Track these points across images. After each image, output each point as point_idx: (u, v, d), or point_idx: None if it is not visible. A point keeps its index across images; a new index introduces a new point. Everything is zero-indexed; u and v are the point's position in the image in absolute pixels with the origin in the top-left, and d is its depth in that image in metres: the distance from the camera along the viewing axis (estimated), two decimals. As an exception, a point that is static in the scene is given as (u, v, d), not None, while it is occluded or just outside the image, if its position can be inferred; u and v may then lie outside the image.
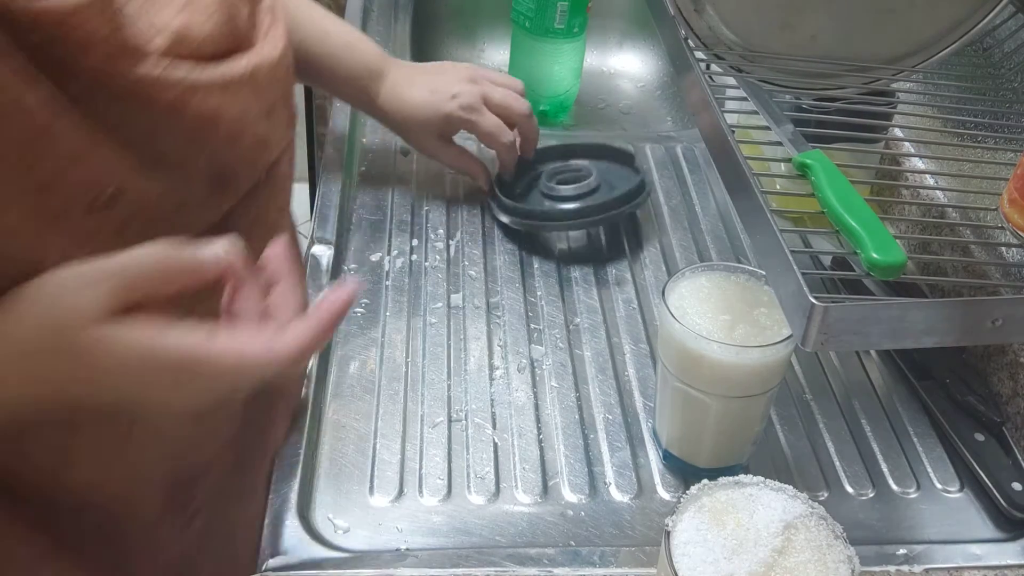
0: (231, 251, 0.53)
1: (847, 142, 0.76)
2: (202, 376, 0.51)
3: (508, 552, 0.68)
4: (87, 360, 0.49)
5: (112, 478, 0.64)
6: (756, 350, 0.66)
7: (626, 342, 0.86)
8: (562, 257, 0.95)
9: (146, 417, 0.59)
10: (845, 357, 0.86)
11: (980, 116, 0.84)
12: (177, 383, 0.52)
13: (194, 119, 0.56)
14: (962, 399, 0.79)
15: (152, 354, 0.50)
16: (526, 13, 1.18)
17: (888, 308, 0.54)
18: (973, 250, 0.84)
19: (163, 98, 0.54)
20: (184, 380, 0.51)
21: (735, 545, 0.55)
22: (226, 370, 0.51)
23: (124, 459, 0.63)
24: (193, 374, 0.51)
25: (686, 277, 0.72)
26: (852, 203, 0.59)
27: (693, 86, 0.71)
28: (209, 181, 0.59)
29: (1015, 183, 0.63)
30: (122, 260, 0.50)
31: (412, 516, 0.71)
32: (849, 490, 0.75)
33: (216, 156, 0.59)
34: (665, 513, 0.57)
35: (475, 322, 0.87)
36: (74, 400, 0.52)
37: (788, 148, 0.67)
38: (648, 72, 1.39)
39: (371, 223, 0.97)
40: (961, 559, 0.70)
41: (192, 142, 0.57)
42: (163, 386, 0.51)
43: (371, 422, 0.77)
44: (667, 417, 0.74)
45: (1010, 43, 0.82)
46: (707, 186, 1.06)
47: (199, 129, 0.57)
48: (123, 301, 0.50)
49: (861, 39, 0.77)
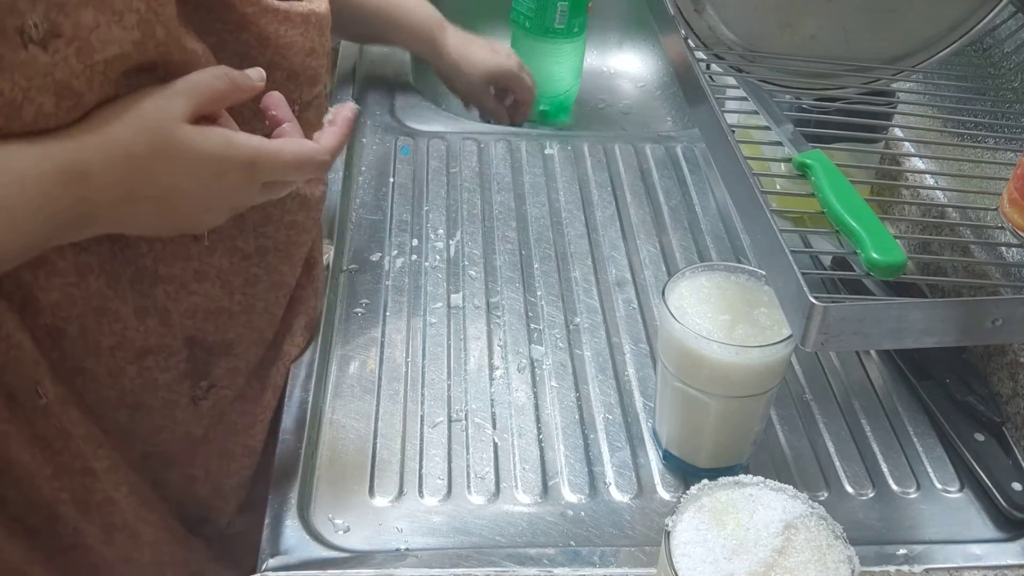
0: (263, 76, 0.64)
1: (847, 142, 0.76)
2: (267, 169, 0.62)
3: (508, 552, 0.68)
4: (177, 154, 0.59)
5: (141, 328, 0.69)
6: (756, 350, 0.66)
7: (626, 342, 0.86)
8: (562, 257, 0.95)
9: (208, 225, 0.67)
10: (845, 357, 0.86)
11: (980, 116, 0.84)
12: (246, 179, 0.62)
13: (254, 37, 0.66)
14: (962, 399, 0.79)
15: (227, 148, 0.60)
16: (526, 13, 1.18)
17: (888, 308, 0.54)
18: (973, 250, 0.84)
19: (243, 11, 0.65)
20: (253, 175, 0.62)
21: (735, 545, 0.55)
22: (288, 163, 0.63)
23: (155, 307, 0.69)
24: (260, 167, 0.61)
25: (686, 277, 0.72)
26: (852, 203, 0.59)
27: (693, 86, 0.71)
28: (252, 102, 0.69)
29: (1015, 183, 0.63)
30: (192, 79, 0.60)
31: (412, 516, 0.71)
32: (849, 490, 0.75)
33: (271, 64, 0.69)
34: (665, 513, 0.57)
35: (475, 322, 0.87)
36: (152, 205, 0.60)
37: (788, 148, 0.67)
38: (648, 72, 1.39)
39: (371, 223, 0.97)
40: (961, 559, 0.70)
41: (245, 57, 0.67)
42: (233, 183, 0.61)
43: (371, 422, 0.77)
44: (667, 417, 0.74)
45: (1010, 43, 0.82)
46: (707, 186, 1.06)
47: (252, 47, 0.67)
48: (198, 110, 0.60)
49: (861, 39, 0.77)
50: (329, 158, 0.65)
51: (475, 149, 1.08)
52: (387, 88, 1.17)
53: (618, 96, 1.37)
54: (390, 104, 1.14)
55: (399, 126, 1.11)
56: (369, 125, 1.10)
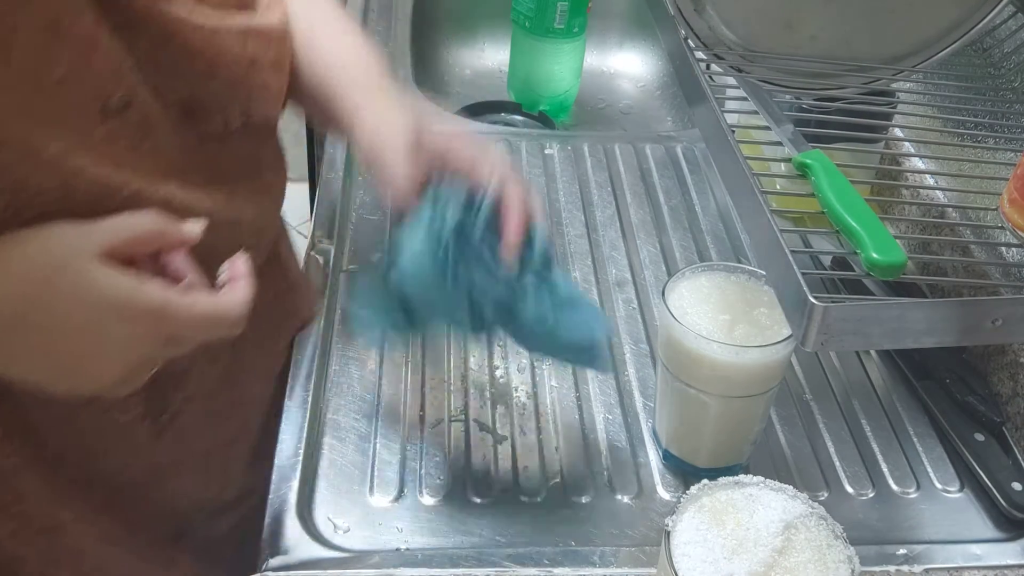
0: (199, 229, 0.60)
1: (847, 142, 0.76)
2: (176, 323, 0.56)
3: (508, 552, 0.68)
4: (76, 288, 0.54)
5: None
6: (756, 350, 0.66)
7: (626, 342, 0.86)
8: (562, 257, 0.95)
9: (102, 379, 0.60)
10: (845, 357, 0.86)
11: (980, 116, 0.84)
12: (150, 331, 0.56)
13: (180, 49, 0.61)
14: (962, 399, 0.79)
15: (134, 293, 0.55)
16: (526, 13, 1.18)
17: (888, 308, 0.54)
18: (973, 250, 0.84)
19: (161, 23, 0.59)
20: (158, 327, 0.56)
21: (735, 545, 0.55)
22: (200, 319, 0.57)
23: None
24: (169, 320, 0.56)
25: (686, 277, 0.72)
26: (852, 203, 0.59)
27: (693, 86, 0.71)
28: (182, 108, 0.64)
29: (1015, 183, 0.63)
30: (118, 218, 0.57)
31: (412, 516, 0.71)
32: (849, 490, 0.75)
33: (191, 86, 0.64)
34: (665, 513, 0.57)
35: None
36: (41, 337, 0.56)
37: (788, 148, 0.67)
38: (648, 72, 1.39)
39: (371, 223, 0.97)
40: (961, 559, 0.70)
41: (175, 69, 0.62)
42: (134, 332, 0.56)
43: (371, 422, 0.77)
44: (667, 417, 0.74)
45: (1010, 43, 0.82)
46: (707, 186, 1.06)
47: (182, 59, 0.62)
48: (116, 249, 0.55)
49: (861, 39, 0.77)
50: (244, 312, 0.59)
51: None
52: (387, 88, 1.17)
53: (618, 96, 1.37)
54: (390, 104, 1.14)
55: (399, 126, 1.10)
56: (369, 125, 1.10)
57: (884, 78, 0.80)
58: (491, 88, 1.33)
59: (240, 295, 0.59)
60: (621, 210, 1.02)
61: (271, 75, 0.69)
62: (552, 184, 1.04)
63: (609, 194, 1.03)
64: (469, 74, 1.38)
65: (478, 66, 1.39)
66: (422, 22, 1.33)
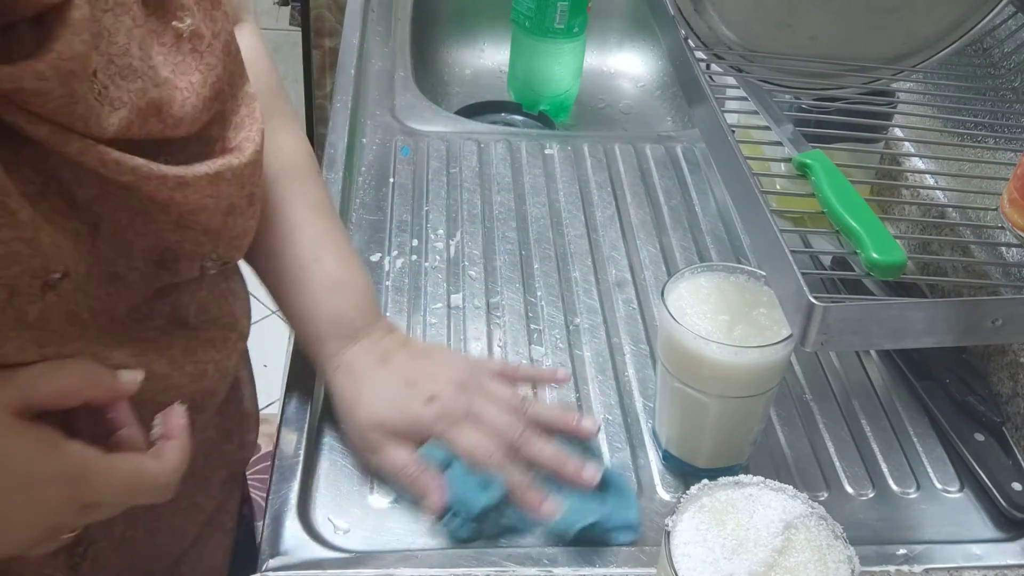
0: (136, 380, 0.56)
1: (847, 142, 0.76)
2: (94, 489, 0.52)
3: (508, 552, 0.68)
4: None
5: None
6: (755, 350, 0.66)
7: (626, 342, 0.86)
8: (562, 257, 0.95)
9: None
10: (845, 357, 0.86)
11: (980, 116, 0.84)
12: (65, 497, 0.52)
13: (144, 202, 0.56)
14: (962, 399, 0.79)
15: (48, 455, 0.51)
16: (526, 13, 1.18)
17: (888, 308, 0.54)
18: (973, 250, 0.84)
19: (116, 178, 0.53)
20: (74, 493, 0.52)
21: (735, 545, 0.55)
22: (121, 484, 0.53)
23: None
24: (86, 486, 0.52)
25: (686, 277, 0.72)
26: (852, 203, 0.59)
27: (693, 86, 0.71)
28: (149, 260, 0.60)
29: (1015, 183, 0.63)
30: (39, 368, 0.52)
31: (412, 516, 0.71)
32: (849, 490, 0.75)
33: (160, 239, 0.59)
34: (665, 513, 0.57)
35: (475, 322, 0.87)
36: None
37: (788, 148, 0.67)
38: (648, 72, 1.39)
39: (371, 223, 0.97)
40: (961, 559, 0.70)
41: (139, 215, 0.57)
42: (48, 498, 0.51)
43: (371, 422, 0.77)
44: (667, 417, 0.74)
45: (1010, 43, 0.82)
46: (707, 186, 1.06)
47: (148, 207, 0.56)
48: (34, 403, 0.51)
49: (861, 39, 0.77)
50: (173, 478, 0.55)
51: (475, 149, 1.08)
52: (387, 88, 1.17)
53: (618, 96, 1.37)
54: (390, 104, 1.14)
55: (399, 126, 1.11)
56: (369, 125, 1.10)
57: (884, 78, 0.80)
58: (491, 88, 1.33)
59: (170, 459, 0.55)
60: (621, 210, 1.02)
61: (247, 215, 0.64)
62: (552, 184, 1.04)
63: (609, 194, 1.03)
64: (469, 74, 1.38)
65: (478, 66, 1.39)
66: (422, 22, 1.33)
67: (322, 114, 2.05)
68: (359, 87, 1.15)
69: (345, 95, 1.10)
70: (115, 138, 0.52)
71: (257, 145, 0.62)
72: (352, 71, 1.15)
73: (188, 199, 0.57)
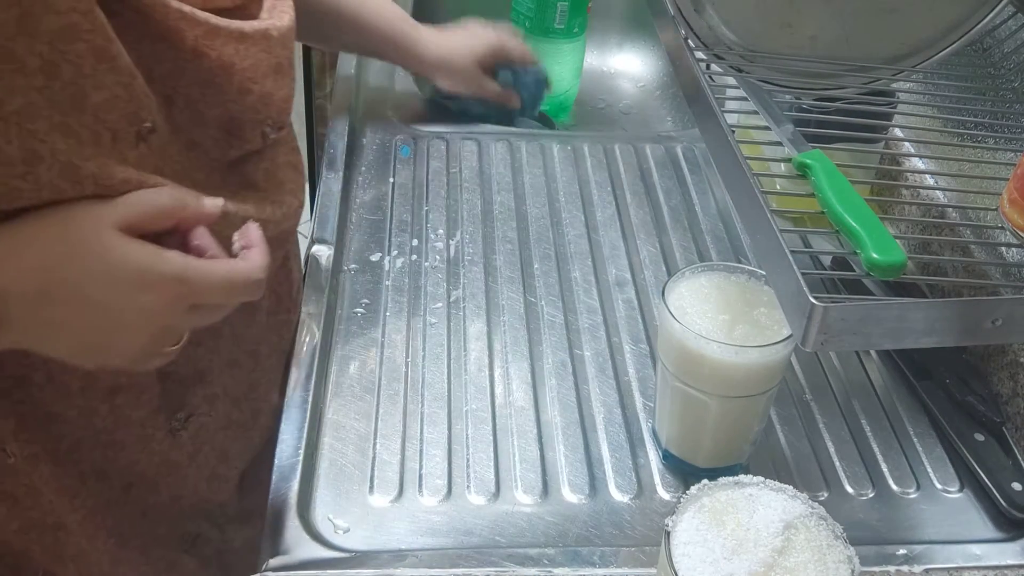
0: (219, 205, 0.61)
1: (847, 142, 0.76)
2: (197, 289, 0.57)
3: (508, 552, 0.68)
4: (95, 255, 0.55)
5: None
6: (756, 350, 0.66)
7: (626, 342, 0.86)
8: (562, 257, 0.95)
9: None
10: (845, 357, 0.86)
11: (980, 116, 0.84)
12: (173, 298, 0.57)
13: (212, 64, 0.62)
14: (962, 399, 0.79)
15: (154, 260, 0.56)
16: (526, 13, 1.18)
17: (888, 308, 0.54)
18: (973, 250, 0.84)
19: (188, 37, 0.60)
20: (180, 293, 0.57)
21: (735, 545, 0.55)
22: (220, 282, 0.58)
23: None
24: (189, 286, 0.57)
25: (686, 277, 0.72)
26: (852, 203, 0.59)
27: (693, 86, 0.71)
28: (220, 130, 0.66)
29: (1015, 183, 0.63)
30: (136, 193, 0.57)
31: (412, 516, 0.71)
32: (849, 490, 0.75)
33: (226, 107, 0.65)
34: (665, 513, 0.57)
35: (475, 322, 0.87)
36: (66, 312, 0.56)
37: (788, 148, 0.67)
38: (648, 72, 1.39)
39: (371, 223, 0.97)
40: (961, 559, 0.70)
41: (208, 87, 0.63)
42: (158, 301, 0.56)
43: (371, 422, 0.77)
44: (667, 417, 0.74)
45: (1010, 43, 0.82)
46: (707, 186, 1.06)
47: (215, 75, 0.63)
48: (135, 222, 0.56)
49: (861, 39, 0.77)
50: (262, 276, 0.60)
51: (475, 149, 1.08)
52: (387, 88, 1.17)
53: (618, 96, 1.37)
54: (390, 104, 1.14)
55: (399, 126, 1.11)
56: (369, 125, 1.10)
57: (884, 78, 0.80)
58: (491, 88, 1.33)
59: (256, 259, 0.60)
60: (621, 210, 1.02)
61: (288, 75, 0.70)
62: (552, 184, 1.04)
63: (609, 194, 1.03)
64: (469, 74, 1.38)
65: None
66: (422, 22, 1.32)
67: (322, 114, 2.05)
68: (359, 87, 1.15)
69: (345, 95, 1.10)
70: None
71: (292, 19, 0.69)
72: (352, 71, 1.15)
73: (246, 57, 0.64)
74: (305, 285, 0.87)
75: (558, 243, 0.97)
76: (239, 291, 0.60)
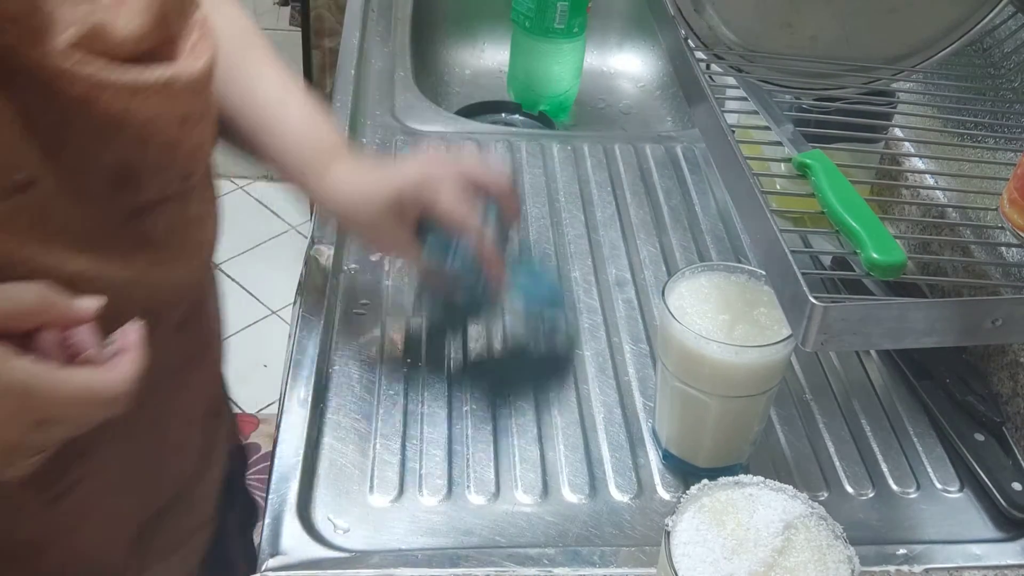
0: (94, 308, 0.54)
1: (847, 142, 0.76)
2: (44, 403, 0.52)
3: (508, 552, 0.68)
4: None
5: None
6: (756, 350, 0.66)
7: (626, 342, 0.86)
8: (562, 257, 0.95)
9: None
10: (845, 357, 0.86)
11: (980, 116, 0.84)
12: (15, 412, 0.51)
13: (103, 115, 0.57)
14: (962, 399, 0.79)
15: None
16: (526, 13, 1.18)
17: (888, 308, 0.54)
18: (973, 250, 0.84)
19: (72, 90, 0.55)
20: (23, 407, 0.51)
21: (735, 545, 0.55)
22: (71, 397, 0.52)
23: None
24: (35, 399, 0.51)
25: (686, 277, 0.72)
26: (852, 203, 0.59)
27: (693, 86, 0.71)
28: (113, 179, 0.60)
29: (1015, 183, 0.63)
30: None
31: (412, 516, 0.71)
32: (849, 490, 0.75)
33: (122, 155, 0.59)
34: (665, 513, 0.57)
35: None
36: None
37: (788, 148, 0.67)
38: (648, 72, 1.39)
39: (371, 223, 0.97)
40: (961, 559, 0.70)
41: (100, 136, 0.58)
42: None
43: (371, 422, 0.77)
44: (667, 417, 0.74)
45: (1010, 43, 0.82)
46: (707, 186, 1.06)
47: (107, 125, 0.57)
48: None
49: (861, 39, 0.77)
50: (124, 390, 0.54)
51: (475, 149, 1.08)
52: (387, 88, 1.17)
53: (618, 96, 1.37)
54: (390, 104, 1.14)
55: (399, 126, 1.11)
56: (369, 125, 1.10)
57: (884, 78, 0.80)
58: (491, 88, 1.33)
59: (123, 370, 0.54)
60: (621, 210, 1.02)
61: (205, 129, 0.64)
62: (552, 184, 1.04)
63: (609, 194, 1.03)
64: (469, 74, 1.38)
65: (478, 66, 1.39)
66: (422, 22, 1.33)
67: (322, 114, 2.05)
68: (359, 87, 1.15)
69: (345, 95, 1.10)
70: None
71: (210, 60, 0.63)
72: (352, 71, 1.15)
73: (143, 109, 0.58)
74: (305, 285, 0.87)
75: (558, 243, 0.97)
76: (97, 406, 0.53)
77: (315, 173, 0.77)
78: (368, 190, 0.75)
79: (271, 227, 2.45)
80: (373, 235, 0.80)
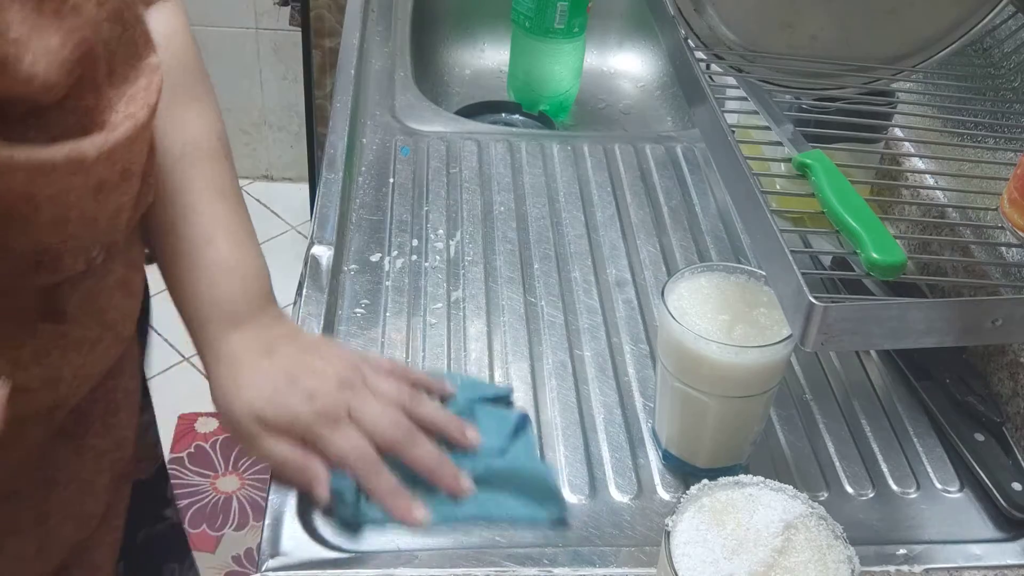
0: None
1: (847, 142, 0.76)
2: None
3: (508, 552, 0.68)
4: None
5: None
6: (755, 350, 0.66)
7: (626, 342, 0.86)
8: (562, 257, 0.95)
9: None
10: (845, 357, 0.86)
11: (980, 116, 0.84)
12: None
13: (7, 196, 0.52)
14: (962, 399, 0.79)
15: None
16: (526, 13, 1.18)
17: (888, 308, 0.54)
18: (973, 250, 0.84)
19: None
20: None
21: (735, 545, 0.55)
22: None
23: None
24: None
25: (686, 277, 0.72)
26: (852, 203, 0.59)
27: (693, 86, 0.71)
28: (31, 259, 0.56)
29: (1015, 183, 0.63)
30: None
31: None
32: (849, 490, 0.75)
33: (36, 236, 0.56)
34: (665, 513, 0.57)
35: (475, 322, 0.87)
36: None
37: (788, 148, 0.67)
38: (648, 72, 1.39)
39: (371, 223, 0.97)
40: (961, 559, 0.70)
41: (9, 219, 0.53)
42: None
43: (371, 422, 0.77)
44: (667, 417, 0.74)
45: (1010, 43, 0.82)
46: (707, 186, 1.06)
47: (15, 207, 0.53)
48: None
49: (861, 39, 0.77)
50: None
51: (475, 149, 1.08)
52: (387, 88, 1.17)
53: (618, 96, 1.37)
54: (390, 104, 1.14)
55: (399, 126, 1.11)
56: (369, 125, 1.10)
57: (884, 78, 0.80)
58: (491, 88, 1.33)
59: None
60: (621, 210, 1.02)
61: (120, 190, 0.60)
62: (552, 184, 1.04)
63: (609, 194, 1.03)
64: (469, 74, 1.38)
65: (478, 66, 1.39)
66: (422, 22, 1.33)
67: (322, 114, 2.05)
68: (359, 87, 1.15)
69: (345, 95, 1.10)
70: None
71: (139, 121, 0.58)
72: (352, 71, 1.15)
73: (51, 186, 0.53)
74: (305, 285, 0.87)
75: (558, 243, 0.97)
76: None
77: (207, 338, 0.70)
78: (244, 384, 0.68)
79: (271, 227, 2.45)
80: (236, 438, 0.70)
